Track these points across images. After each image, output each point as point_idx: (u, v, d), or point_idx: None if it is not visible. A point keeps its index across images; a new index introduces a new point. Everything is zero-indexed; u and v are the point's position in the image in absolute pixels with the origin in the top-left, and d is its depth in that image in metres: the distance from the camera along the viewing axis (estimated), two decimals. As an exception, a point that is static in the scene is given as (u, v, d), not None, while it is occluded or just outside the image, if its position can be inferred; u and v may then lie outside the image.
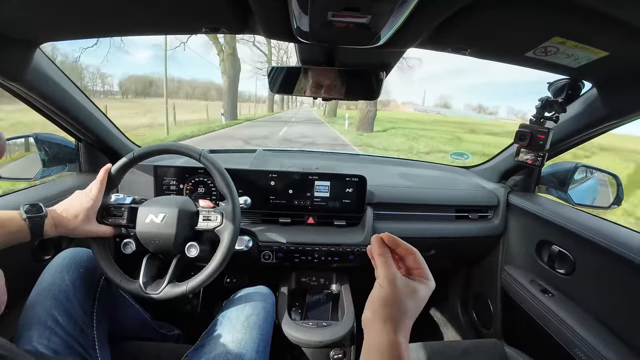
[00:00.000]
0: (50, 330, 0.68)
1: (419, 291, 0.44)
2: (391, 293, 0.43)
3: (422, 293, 0.44)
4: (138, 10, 0.66)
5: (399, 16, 0.54)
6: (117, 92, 54.65)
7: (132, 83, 56.99)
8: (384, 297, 0.43)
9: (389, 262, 0.46)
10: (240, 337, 0.77)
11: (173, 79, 77.12)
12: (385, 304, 0.42)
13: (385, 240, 0.49)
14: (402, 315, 0.42)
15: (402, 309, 0.42)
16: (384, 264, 0.46)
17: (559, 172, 1.22)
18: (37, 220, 0.70)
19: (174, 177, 1.17)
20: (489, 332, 1.38)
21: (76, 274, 0.78)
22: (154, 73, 74.68)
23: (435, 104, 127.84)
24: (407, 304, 0.42)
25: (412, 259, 0.47)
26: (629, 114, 0.85)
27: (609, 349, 0.82)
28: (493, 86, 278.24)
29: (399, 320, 0.41)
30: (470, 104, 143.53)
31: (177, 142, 1.04)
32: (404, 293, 0.43)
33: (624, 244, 0.83)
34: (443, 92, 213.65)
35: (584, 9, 0.52)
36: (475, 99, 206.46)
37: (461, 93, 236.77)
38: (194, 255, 0.85)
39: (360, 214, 1.20)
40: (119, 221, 0.84)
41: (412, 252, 0.48)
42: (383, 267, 0.46)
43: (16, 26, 0.69)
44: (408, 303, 0.42)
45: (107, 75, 63.68)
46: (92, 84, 59.35)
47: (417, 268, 0.47)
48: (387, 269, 0.45)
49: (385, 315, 0.41)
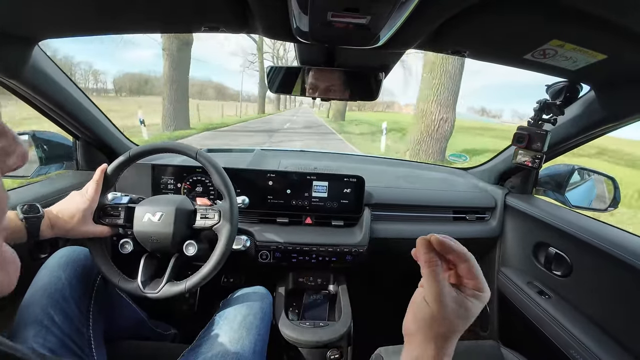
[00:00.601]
0: (46, 329, 0.68)
1: (470, 309, 0.39)
2: (439, 313, 0.38)
3: (474, 310, 0.39)
4: (137, 8, 0.65)
5: (398, 17, 0.54)
6: (111, 89, 53.75)
7: (127, 81, 56.01)
8: (430, 317, 0.38)
9: (437, 274, 0.40)
10: (237, 337, 0.77)
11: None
12: (432, 324, 0.38)
13: (434, 245, 0.42)
14: (451, 335, 0.38)
15: (451, 329, 0.38)
16: (431, 275, 0.40)
17: (557, 174, 1.22)
18: (33, 221, 0.69)
19: (172, 176, 1.17)
20: (485, 334, 1.38)
21: (72, 273, 0.78)
22: (149, 71, 73.18)
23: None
24: (456, 323, 0.38)
25: (465, 268, 0.40)
26: (626, 116, 0.86)
27: (604, 351, 0.82)
28: (495, 89, 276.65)
29: (446, 339, 0.38)
30: (473, 106, 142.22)
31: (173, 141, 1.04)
32: (454, 312, 0.38)
33: (620, 247, 0.83)
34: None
35: (582, 12, 0.52)
36: (477, 102, 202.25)
37: (463, 95, 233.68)
38: (191, 254, 0.85)
39: (358, 214, 1.20)
40: (116, 221, 0.84)
41: (466, 258, 0.41)
42: (430, 281, 0.40)
43: (14, 22, 0.69)
44: (457, 322, 0.38)
45: (100, 73, 62.68)
46: (84, 81, 58.63)
47: (471, 279, 0.40)
48: (434, 283, 0.39)
49: (432, 335, 0.38)
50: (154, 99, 27.58)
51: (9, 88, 0.85)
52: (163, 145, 0.88)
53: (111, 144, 1.22)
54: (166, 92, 10.18)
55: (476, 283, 0.40)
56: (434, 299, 0.39)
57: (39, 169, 1.06)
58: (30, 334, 0.66)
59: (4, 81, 0.81)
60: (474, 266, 0.40)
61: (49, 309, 0.70)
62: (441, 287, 0.39)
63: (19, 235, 0.68)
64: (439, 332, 0.38)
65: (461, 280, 0.41)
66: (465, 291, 0.40)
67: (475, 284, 0.40)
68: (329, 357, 0.96)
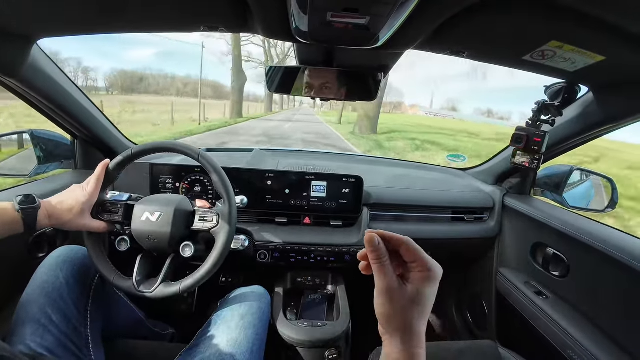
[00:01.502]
0: (43, 328, 0.68)
1: (422, 293, 0.39)
2: (390, 308, 0.39)
3: (427, 291, 0.39)
4: (137, 7, 0.65)
5: (397, 18, 0.54)
6: (102, 87, 52.51)
7: (119, 78, 54.69)
8: (383, 313, 0.39)
9: (383, 270, 0.40)
10: (235, 337, 0.77)
11: (167, 75, 75.50)
12: (388, 320, 0.39)
13: (374, 238, 0.41)
14: (408, 325, 0.38)
15: (407, 320, 0.38)
16: (377, 272, 0.40)
17: (555, 175, 1.23)
18: (30, 211, 0.69)
19: (170, 176, 1.17)
20: (483, 334, 1.39)
21: (70, 272, 0.78)
22: (145, 68, 71.61)
23: (442, 107, 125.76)
24: (411, 312, 0.38)
25: (405, 250, 0.41)
26: (624, 118, 0.86)
27: (601, 351, 0.83)
28: (504, 91, 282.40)
29: (405, 331, 0.38)
30: (480, 108, 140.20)
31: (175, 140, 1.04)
32: (404, 304, 0.38)
33: (618, 247, 0.84)
34: (450, 96, 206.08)
35: (581, 14, 0.53)
36: (484, 104, 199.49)
37: (469, 96, 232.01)
38: (188, 255, 0.85)
39: (357, 214, 1.21)
40: (114, 218, 0.84)
41: (402, 241, 0.41)
42: (377, 278, 0.40)
43: (13, 21, 0.68)
44: (412, 312, 0.38)
45: (89, 70, 61.45)
46: (74, 79, 57.59)
47: (414, 260, 0.40)
48: (379, 279, 0.40)
49: (392, 329, 0.39)
50: (148, 98, 26.30)
51: (7, 87, 0.85)
52: (165, 145, 0.88)
53: (110, 142, 1.22)
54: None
55: (420, 262, 0.40)
56: (382, 295, 0.39)
57: (37, 168, 1.06)
58: (28, 332, 0.66)
59: (2, 80, 0.81)
60: (412, 246, 0.41)
61: (46, 308, 0.70)
62: (387, 281, 0.39)
63: (16, 227, 0.67)
64: (398, 327, 0.38)
65: (407, 267, 0.41)
66: (412, 276, 0.40)
67: (420, 263, 0.40)
68: (327, 357, 0.96)
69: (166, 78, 71.72)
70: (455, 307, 1.59)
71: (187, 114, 16.44)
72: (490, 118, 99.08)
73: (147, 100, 10.25)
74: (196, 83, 73.62)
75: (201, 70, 32.49)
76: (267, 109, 33.46)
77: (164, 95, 49.82)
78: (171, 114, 13.86)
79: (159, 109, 17.90)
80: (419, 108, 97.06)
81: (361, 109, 13.95)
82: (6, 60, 0.76)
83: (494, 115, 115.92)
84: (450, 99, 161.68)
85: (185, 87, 64.76)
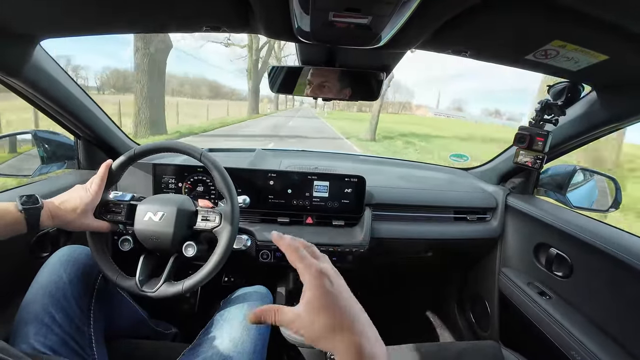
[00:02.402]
0: (47, 327, 0.68)
1: (311, 301, 0.38)
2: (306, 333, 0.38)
3: (315, 297, 0.38)
4: (138, 8, 0.66)
5: (399, 17, 0.54)
6: (92, 87, 51.27)
7: (113, 77, 53.03)
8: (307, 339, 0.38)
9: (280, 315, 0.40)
10: (237, 337, 0.77)
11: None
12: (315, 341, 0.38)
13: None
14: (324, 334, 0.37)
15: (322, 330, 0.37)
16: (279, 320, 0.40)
17: (558, 174, 1.22)
18: (33, 211, 0.69)
19: (173, 176, 1.17)
20: (485, 334, 1.38)
21: (74, 272, 0.78)
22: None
23: (447, 107, 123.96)
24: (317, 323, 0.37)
25: (289, 258, 0.43)
26: (627, 117, 0.85)
27: (605, 352, 0.82)
28: (509, 91, 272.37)
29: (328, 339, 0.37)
30: (487, 108, 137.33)
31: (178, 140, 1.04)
32: (307, 320, 0.38)
33: (622, 248, 0.83)
34: (456, 96, 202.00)
35: (584, 13, 0.52)
36: (491, 104, 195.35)
37: (475, 96, 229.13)
38: (191, 255, 0.85)
39: (359, 214, 1.20)
40: (117, 218, 0.84)
41: (285, 247, 0.44)
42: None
43: (16, 21, 0.69)
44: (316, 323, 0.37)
45: (80, 68, 60.42)
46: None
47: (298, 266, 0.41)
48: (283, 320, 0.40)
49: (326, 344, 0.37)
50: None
51: (10, 87, 0.85)
52: (168, 145, 0.88)
53: (113, 142, 1.22)
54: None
55: (298, 269, 0.41)
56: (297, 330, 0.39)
57: (41, 168, 1.06)
58: (31, 332, 0.66)
59: (5, 80, 0.81)
60: (289, 255, 0.42)
61: (49, 308, 0.70)
62: (288, 319, 0.40)
63: (19, 227, 0.67)
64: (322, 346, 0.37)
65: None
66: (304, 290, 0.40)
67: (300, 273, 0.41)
68: (329, 356, 0.96)
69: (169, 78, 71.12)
70: (458, 307, 1.59)
71: (189, 117, 15.99)
72: (497, 118, 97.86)
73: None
74: (193, 82, 73.06)
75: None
76: (251, 110, 23.58)
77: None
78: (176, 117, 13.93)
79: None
80: (427, 109, 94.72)
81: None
82: (9, 60, 0.76)
83: (501, 115, 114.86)
84: (456, 99, 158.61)
85: (182, 86, 64.22)
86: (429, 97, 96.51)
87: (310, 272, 0.40)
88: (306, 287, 0.40)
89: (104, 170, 0.83)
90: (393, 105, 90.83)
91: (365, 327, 0.38)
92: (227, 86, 77.50)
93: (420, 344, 0.90)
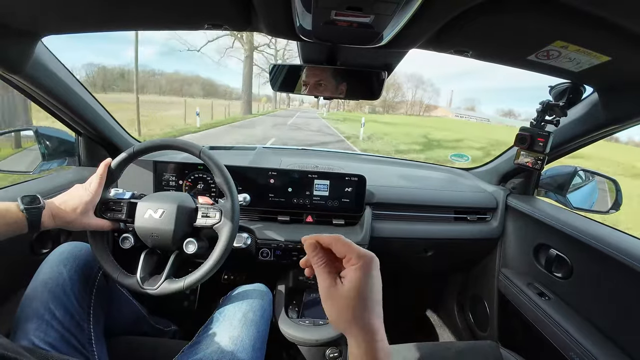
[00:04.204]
0: (46, 323, 0.68)
1: (358, 286, 0.39)
2: (332, 308, 0.40)
3: (362, 283, 0.39)
4: (140, 4, 0.65)
5: (401, 17, 0.54)
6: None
7: (97, 76, 51.10)
8: (330, 314, 0.40)
9: (321, 273, 0.42)
10: (236, 334, 0.77)
11: (154, 72, 71.62)
12: (336, 320, 0.40)
13: (313, 243, 0.44)
14: (355, 321, 0.38)
15: (352, 316, 0.38)
16: (318, 276, 0.42)
17: (559, 175, 1.22)
18: (34, 211, 0.69)
19: (174, 173, 1.17)
20: (484, 334, 1.39)
21: (74, 268, 0.78)
22: (129, 64, 67.66)
23: (458, 107, 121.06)
24: (352, 309, 0.39)
25: (336, 248, 0.42)
26: (629, 119, 0.85)
27: (604, 354, 0.82)
28: (528, 90, 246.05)
29: (355, 327, 0.38)
30: (502, 108, 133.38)
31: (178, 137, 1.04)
32: (343, 302, 0.39)
33: (622, 249, 0.83)
34: (467, 95, 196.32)
35: (586, 14, 0.52)
36: (505, 104, 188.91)
37: (487, 96, 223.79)
38: (191, 252, 0.85)
39: (359, 213, 1.21)
40: (117, 216, 0.84)
41: (336, 238, 0.43)
42: (319, 281, 0.42)
43: (18, 17, 0.69)
44: (353, 308, 0.39)
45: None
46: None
47: (344, 255, 0.42)
48: (319, 282, 0.42)
49: (342, 328, 0.39)
50: (125, 96, 22.33)
51: (11, 83, 0.86)
52: (167, 142, 0.88)
53: (113, 140, 1.22)
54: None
55: (350, 255, 0.41)
56: (323, 297, 0.41)
57: (42, 165, 1.07)
58: (31, 328, 0.67)
59: (7, 76, 0.82)
60: (341, 241, 0.42)
61: (50, 304, 0.70)
62: (323, 283, 0.41)
63: (20, 227, 0.68)
64: (346, 326, 0.39)
65: (342, 265, 0.42)
66: (347, 272, 0.41)
67: (350, 257, 0.41)
68: (328, 355, 0.96)
69: (153, 74, 69.23)
70: (457, 308, 1.59)
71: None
72: (511, 119, 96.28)
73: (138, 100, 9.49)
74: (184, 80, 70.87)
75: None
76: (245, 111, 23.69)
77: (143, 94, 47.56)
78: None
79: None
80: (447, 109, 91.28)
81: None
82: (11, 57, 0.76)
83: (516, 116, 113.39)
84: (468, 99, 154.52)
85: (172, 84, 62.52)
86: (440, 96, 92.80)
87: (367, 257, 0.41)
88: (355, 268, 0.40)
89: (103, 169, 0.83)
90: (412, 105, 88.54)
91: (382, 324, 0.39)
92: (224, 84, 75.55)
93: (419, 344, 0.90)
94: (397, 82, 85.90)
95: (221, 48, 26.24)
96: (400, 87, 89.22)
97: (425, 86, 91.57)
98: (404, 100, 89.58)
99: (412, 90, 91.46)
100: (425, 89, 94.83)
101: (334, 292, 0.40)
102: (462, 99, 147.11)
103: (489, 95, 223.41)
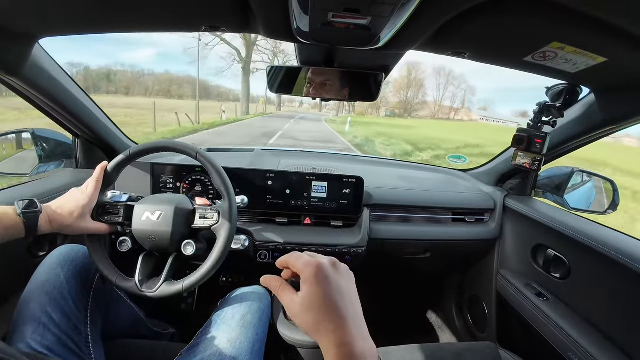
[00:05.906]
0: (44, 326, 0.68)
1: (306, 296, 0.40)
2: (296, 319, 0.41)
3: (309, 293, 0.40)
4: (138, 7, 0.65)
5: (399, 18, 0.54)
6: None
7: (83, 77, 49.19)
8: (300, 328, 0.41)
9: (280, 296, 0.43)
10: (235, 337, 0.77)
11: (143, 72, 70.32)
12: (306, 330, 0.41)
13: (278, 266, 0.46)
14: (317, 329, 0.39)
15: (313, 325, 0.40)
16: (279, 298, 0.43)
17: (556, 176, 1.22)
18: (31, 216, 0.69)
19: (171, 175, 1.17)
20: (483, 335, 1.39)
21: (71, 271, 0.78)
22: (116, 64, 66.55)
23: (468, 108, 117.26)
24: (310, 318, 0.40)
25: (291, 264, 0.44)
26: (626, 120, 0.86)
27: (602, 354, 0.82)
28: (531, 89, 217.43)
29: (319, 335, 0.39)
30: (517, 109, 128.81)
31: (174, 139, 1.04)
32: (300, 312, 0.40)
33: (619, 250, 0.84)
34: (480, 96, 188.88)
35: (583, 15, 0.53)
36: (521, 104, 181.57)
37: (500, 96, 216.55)
38: (190, 254, 0.85)
39: (357, 215, 1.20)
40: (115, 219, 0.84)
41: (284, 259, 0.45)
42: (281, 301, 0.43)
43: (15, 19, 0.69)
44: (310, 317, 0.40)
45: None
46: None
47: (294, 270, 0.43)
48: (283, 301, 0.43)
49: (312, 336, 0.40)
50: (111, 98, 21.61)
51: (8, 85, 0.85)
52: (163, 144, 0.88)
53: (111, 142, 1.22)
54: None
55: (298, 269, 0.42)
56: (291, 316, 0.42)
57: (38, 167, 1.06)
58: (28, 331, 0.66)
59: (4, 78, 0.81)
60: (287, 258, 0.44)
61: (47, 307, 0.70)
62: (286, 302, 0.42)
63: (17, 231, 0.67)
64: (312, 334, 0.40)
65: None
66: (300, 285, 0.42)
67: (298, 270, 0.42)
68: None
69: (142, 74, 67.91)
70: (456, 308, 1.59)
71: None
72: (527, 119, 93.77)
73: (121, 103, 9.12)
74: (172, 81, 68.78)
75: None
76: (243, 113, 23.59)
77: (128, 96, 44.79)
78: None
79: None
80: (470, 112, 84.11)
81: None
82: (8, 58, 0.76)
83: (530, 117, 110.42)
84: (480, 99, 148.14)
85: (161, 84, 61.40)
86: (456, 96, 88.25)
87: (309, 267, 0.41)
88: (303, 280, 0.41)
89: (99, 172, 0.82)
90: (442, 108, 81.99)
91: (357, 326, 0.39)
92: (221, 86, 73.71)
93: (417, 345, 0.90)
94: (418, 77, 78.18)
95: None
96: (422, 84, 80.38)
97: (451, 83, 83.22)
98: (425, 101, 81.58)
99: (439, 90, 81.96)
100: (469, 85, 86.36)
101: (292, 305, 0.41)
102: (476, 100, 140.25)
103: (501, 95, 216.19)
